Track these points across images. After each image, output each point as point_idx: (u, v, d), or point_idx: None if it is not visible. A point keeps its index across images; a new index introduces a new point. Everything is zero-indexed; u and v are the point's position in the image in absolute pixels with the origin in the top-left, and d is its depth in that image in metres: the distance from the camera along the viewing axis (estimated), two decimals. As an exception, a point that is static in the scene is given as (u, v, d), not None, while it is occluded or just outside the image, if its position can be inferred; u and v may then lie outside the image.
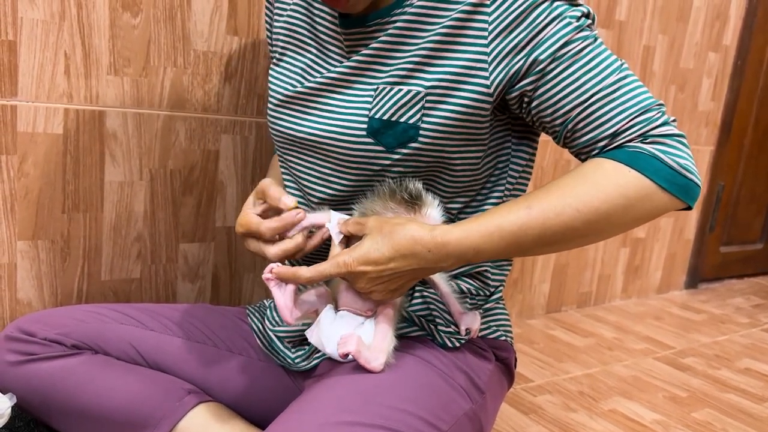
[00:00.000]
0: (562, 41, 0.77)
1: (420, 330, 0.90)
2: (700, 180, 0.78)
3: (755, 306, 2.38)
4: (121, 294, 1.24)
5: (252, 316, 1.06)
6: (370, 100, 0.82)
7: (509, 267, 0.97)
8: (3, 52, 1.04)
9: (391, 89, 0.81)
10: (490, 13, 0.77)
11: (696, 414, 1.44)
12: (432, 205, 0.81)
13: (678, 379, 1.63)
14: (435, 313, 0.90)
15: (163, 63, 1.18)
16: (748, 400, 1.54)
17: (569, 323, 1.97)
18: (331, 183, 0.88)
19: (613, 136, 0.78)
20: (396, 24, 0.82)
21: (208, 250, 1.31)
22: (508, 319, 1.00)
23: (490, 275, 0.93)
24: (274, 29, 0.97)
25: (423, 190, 0.81)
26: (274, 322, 1.00)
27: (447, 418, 0.80)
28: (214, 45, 1.22)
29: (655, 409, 1.45)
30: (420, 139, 0.81)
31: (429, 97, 0.80)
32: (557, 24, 0.77)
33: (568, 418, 1.37)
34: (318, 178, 0.89)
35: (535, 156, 0.92)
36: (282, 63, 0.94)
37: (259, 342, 1.02)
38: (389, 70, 0.82)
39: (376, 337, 0.80)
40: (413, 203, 0.80)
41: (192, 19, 1.19)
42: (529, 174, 0.93)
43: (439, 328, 0.89)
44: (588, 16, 0.80)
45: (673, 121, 0.79)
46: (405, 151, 0.82)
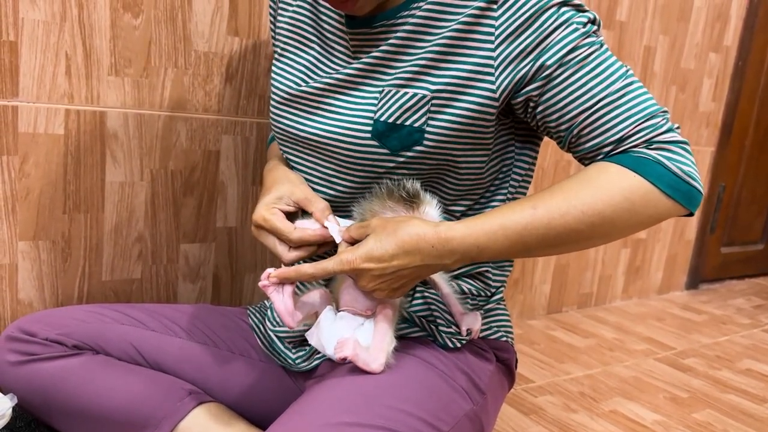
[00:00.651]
0: (569, 47, 0.77)
1: (421, 331, 0.90)
2: (702, 187, 0.78)
3: (756, 307, 2.38)
4: (121, 294, 1.24)
5: (253, 316, 1.06)
6: (376, 102, 0.82)
7: (510, 267, 0.97)
8: (4, 52, 1.04)
9: (397, 92, 0.81)
10: (497, 18, 0.77)
11: (697, 415, 1.44)
12: (430, 203, 0.81)
13: (679, 379, 1.63)
14: (436, 313, 0.90)
15: (164, 64, 1.18)
16: (749, 400, 1.54)
17: (570, 324, 1.97)
18: (334, 184, 0.88)
19: (619, 141, 0.78)
20: (403, 27, 0.82)
21: (209, 251, 1.31)
22: (509, 320, 1.00)
23: (491, 276, 0.93)
24: (278, 24, 0.97)
25: (420, 189, 0.81)
26: (275, 323, 1.00)
27: (448, 419, 0.80)
28: (215, 46, 1.22)
29: (656, 409, 1.45)
30: (425, 142, 0.81)
31: (435, 101, 0.80)
32: (564, 30, 0.77)
33: (568, 418, 1.37)
34: (321, 178, 0.89)
35: (536, 160, 0.92)
36: (283, 59, 0.94)
37: (259, 342, 1.02)
38: (395, 73, 0.82)
39: (375, 337, 0.80)
40: (411, 202, 0.80)
41: (193, 20, 1.19)
42: (531, 177, 0.93)
43: (440, 328, 0.89)
44: (594, 22, 0.80)
45: (677, 128, 0.80)
46: (409, 154, 0.82)
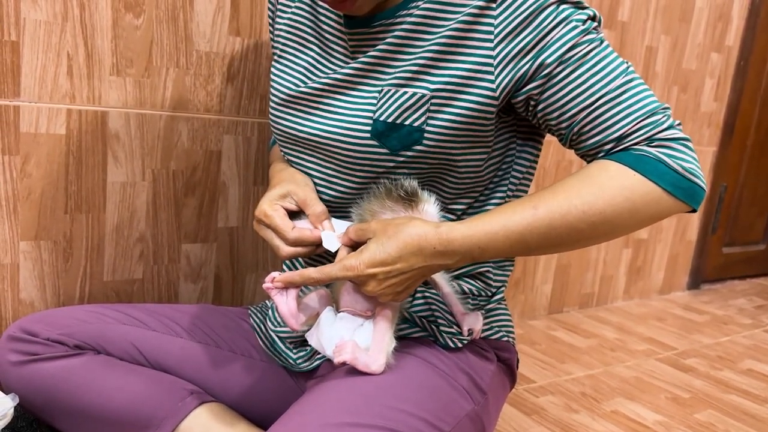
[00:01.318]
0: (569, 45, 0.77)
1: (422, 331, 0.90)
2: (705, 183, 0.78)
3: (758, 307, 2.38)
4: (123, 294, 1.24)
5: (254, 316, 1.06)
6: (375, 102, 0.82)
7: (511, 267, 0.97)
8: (6, 53, 1.04)
9: (396, 92, 0.81)
10: (496, 17, 0.77)
11: (698, 415, 1.44)
12: (428, 202, 0.81)
13: (680, 380, 1.63)
14: (437, 313, 0.90)
15: (165, 64, 1.18)
16: (751, 401, 1.54)
17: (571, 324, 1.97)
18: (334, 184, 0.88)
19: (619, 139, 0.78)
20: (401, 26, 0.81)
21: (211, 251, 1.31)
22: (510, 320, 1.00)
23: (491, 276, 0.93)
24: (277, 25, 0.97)
25: (418, 187, 0.81)
26: (276, 323, 1.00)
27: (449, 419, 0.80)
28: (217, 46, 1.22)
29: (658, 410, 1.44)
30: (425, 142, 0.81)
31: (434, 100, 0.80)
32: (564, 27, 0.77)
33: (570, 419, 1.37)
34: (321, 179, 0.89)
35: (538, 158, 0.92)
36: (283, 60, 0.94)
37: (261, 343, 1.02)
38: (394, 73, 0.82)
39: (375, 338, 0.80)
40: (410, 200, 0.80)
41: (194, 20, 1.19)
42: (532, 175, 0.93)
43: (441, 328, 0.89)
44: (594, 18, 0.80)
45: (678, 124, 0.79)
46: (409, 153, 0.82)
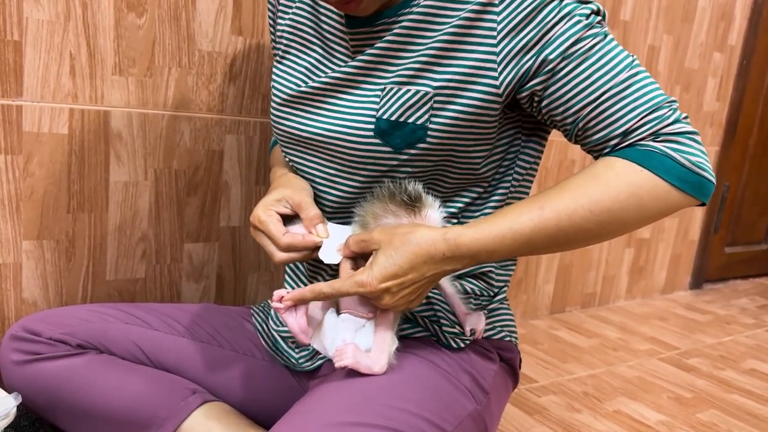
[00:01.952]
0: (572, 40, 0.76)
1: (424, 331, 0.90)
2: (713, 176, 0.77)
3: (760, 307, 2.37)
4: (125, 294, 1.24)
5: (256, 316, 1.06)
6: (377, 100, 0.82)
7: (513, 267, 0.97)
8: (8, 52, 1.04)
9: (399, 89, 0.81)
10: (498, 13, 0.77)
11: (701, 415, 1.44)
12: (432, 207, 0.80)
13: (683, 379, 1.63)
14: (440, 313, 0.89)
15: (167, 63, 1.18)
16: (753, 401, 1.54)
17: (573, 324, 1.96)
18: (338, 184, 0.88)
19: (625, 134, 0.77)
20: (403, 23, 0.81)
21: (213, 250, 1.31)
22: (513, 320, 0.99)
23: (494, 276, 0.93)
24: (278, 26, 0.97)
25: (423, 192, 0.81)
26: (278, 323, 1.00)
27: (451, 419, 0.80)
28: (219, 45, 1.22)
29: (660, 410, 1.44)
30: (428, 139, 0.81)
31: (437, 98, 0.80)
32: (567, 22, 0.76)
33: (572, 418, 1.37)
34: (324, 179, 0.89)
35: (541, 156, 0.92)
36: (285, 61, 0.94)
37: (263, 342, 1.02)
38: (396, 70, 0.82)
39: (376, 339, 0.80)
40: (413, 205, 0.80)
41: (197, 20, 1.19)
42: (535, 173, 0.92)
43: (444, 328, 0.89)
44: (598, 12, 0.79)
45: (685, 117, 0.78)
46: (413, 151, 0.82)
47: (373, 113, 0.82)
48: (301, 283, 0.97)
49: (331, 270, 0.92)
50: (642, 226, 0.80)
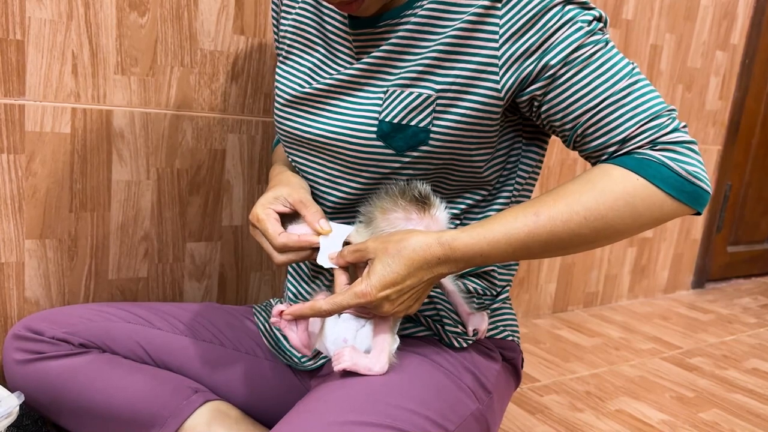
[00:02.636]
0: (573, 46, 0.76)
1: (426, 330, 0.90)
2: (710, 186, 0.78)
3: (763, 306, 2.37)
4: (128, 293, 1.24)
5: (258, 315, 1.06)
6: (380, 102, 0.82)
7: (516, 266, 0.97)
8: (11, 51, 1.04)
9: (402, 92, 0.81)
10: (501, 16, 0.77)
11: (703, 414, 1.44)
12: (440, 208, 0.81)
13: (685, 379, 1.62)
14: (442, 313, 0.89)
15: (170, 62, 1.18)
16: (756, 400, 1.54)
17: (576, 323, 1.96)
18: (340, 185, 0.88)
19: (623, 142, 0.78)
20: (406, 26, 0.81)
21: (215, 250, 1.31)
22: (515, 319, 0.99)
23: (496, 275, 0.93)
24: (281, 27, 0.97)
25: (431, 192, 0.81)
26: (281, 322, 1.00)
27: (454, 418, 0.80)
28: (221, 44, 1.22)
29: (662, 409, 1.44)
30: (430, 142, 0.81)
31: (440, 101, 0.80)
32: (569, 28, 0.76)
33: (574, 418, 1.36)
34: (327, 180, 0.89)
35: (543, 158, 0.92)
36: (289, 62, 0.94)
37: (265, 341, 1.02)
38: (399, 73, 0.82)
39: (376, 339, 0.80)
40: (423, 203, 0.80)
41: (199, 19, 1.19)
42: (537, 176, 0.93)
43: (447, 328, 0.89)
44: (600, 19, 0.79)
45: (683, 127, 0.79)
46: (415, 154, 0.82)
47: (376, 116, 0.82)
48: (303, 283, 0.97)
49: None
50: (636, 234, 0.80)
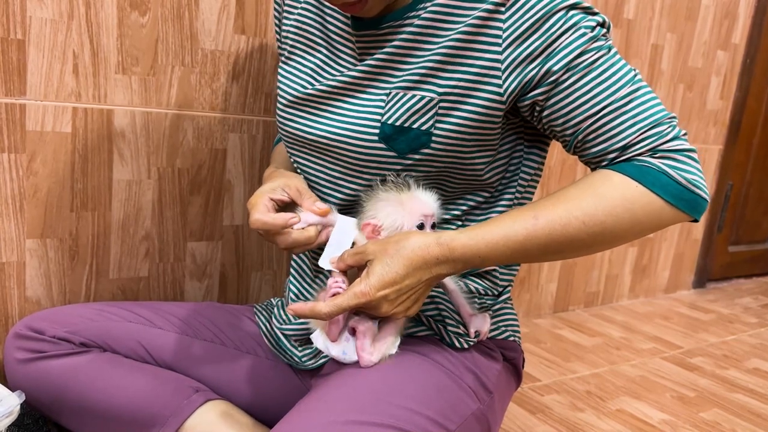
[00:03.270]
0: (576, 52, 0.76)
1: (428, 330, 0.90)
2: (708, 194, 0.78)
3: (764, 306, 2.37)
4: (129, 292, 1.24)
5: (259, 314, 1.06)
6: (383, 105, 0.82)
7: (517, 267, 0.97)
8: (12, 51, 1.04)
9: (404, 95, 0.81)
10: (504, 20, 0.77)
11: (704, 414, 1.44)
12: (418, 189, 0.81)
13: (686, 379, 1.62)
14: (444, 313, 0.89)
15: (171, 62, 1.18)
16: (757, 400, 1.54)
17: (576, 323, 1.96)
18: (341, 186, 0.88)
19: (623, 149, 0.78)
20: (409, 28, 0.81)
21: (216, 249, 1.31)
22: (516, 320, 0.99)
23: (498, 275, 0.93)
24: (284, 27, 0.97)
25: (411, 180, 0.82)
26: (282, 321, 1.00)
27: (455, 418, 0.80)
28: (222, 44, 1.22)
29: (663, 409, 1.44)
30: (432, 145, 0.81)
31: (442, 104, 0.80)
32: (572, 34, 0.76)
33: (575, 417, 1.36)
34: (328, 181, 0.89)
35: (544, 161, 0.92)
36: (291, 62, 0.94)
37: (266, 340, 1.02)
38: (402, 75, 0.82)
39: (378, 336, 0.81)
40: (401, 184, 0.81)
41: (200, 18, 1.19)
42: (539, 178, 0.93)
43: (449, 328, 0.89)
44: (603, 25, 0.79)
45: (684, 135, 0.79)
46: (417, 156, 0.82)
47: (379, 118, 0.82)
48: (305, 283, 0.97)
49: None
50: (634, 240, 0.81)
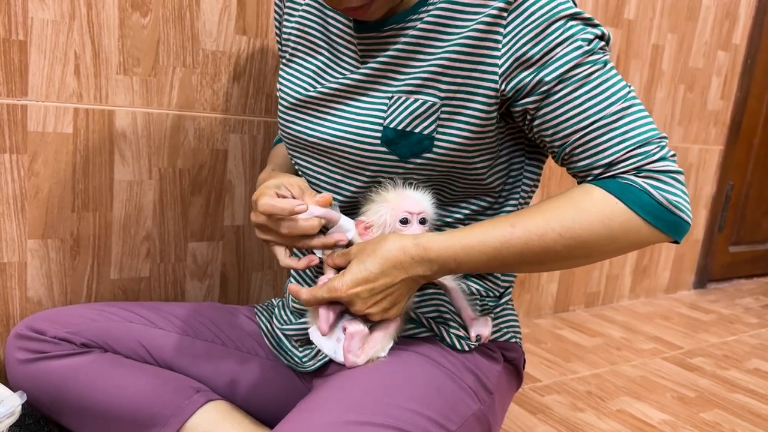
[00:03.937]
0: (571, 64, 0.76)
1: (428, 332, 0.90)
2: (690, 217, 0.78)
3: (764, 306, 2.37)
4: (130, 293, 1.24)
5: (260, 315, 1.06)
6: (385, 108, 0.82)
7: (518, 267, 0.97)
8: (13, 52, 1.05)
9: (407, 99, 0.81)
10: (506, 25, 0.77)
11: (704, 414, 1.44)
12: (407, 189, 0.82)
13: (686, 379, 1.62)
14: (446, 315, 0.90)
15: (172, 62, 1.18)
16: (757, 400, 1.54)
17: (577, 323, 1.96)
18: (342, 188, 0.88)
19: (609, 165, 0.78)
20: (412, 31, 0.81)
21: (217, 249, 1.32)
22: (517, 321, 0.99)
23: (499, 276, 0.93)
24: (284, 29, 0.97)
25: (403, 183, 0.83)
26: (282, 321, 1.00)
27: (455, 419, 0.80)
28: (223, 44, 1.22)
29: (663, 409, 1.44)
30: (434, 149, 0.81)
31: (444, 108, 0.80)
32: (568, 46, 0.76)
33: (575, 418, 1.37)
34: (329, 183, 0.90)
35: (542, 171, 0.92)
36: (292, 64, 0.94)
37: (267, 341, 1.02)
38: (404, 79, 0.82)
39: (370, 337, 0.82)
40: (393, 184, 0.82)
41: (201, 19, 1.19)
42: (538, 183, 0.93)
43: (450, 330, 0.89)
44: (602, 38, 0.79)
45: (672, 156, 0.79)
46: (419, 160, 0.82)
47: (381, 121, 0.82)
48: (305, 283, 0.97)
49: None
50: (613, 256, 0.81)
